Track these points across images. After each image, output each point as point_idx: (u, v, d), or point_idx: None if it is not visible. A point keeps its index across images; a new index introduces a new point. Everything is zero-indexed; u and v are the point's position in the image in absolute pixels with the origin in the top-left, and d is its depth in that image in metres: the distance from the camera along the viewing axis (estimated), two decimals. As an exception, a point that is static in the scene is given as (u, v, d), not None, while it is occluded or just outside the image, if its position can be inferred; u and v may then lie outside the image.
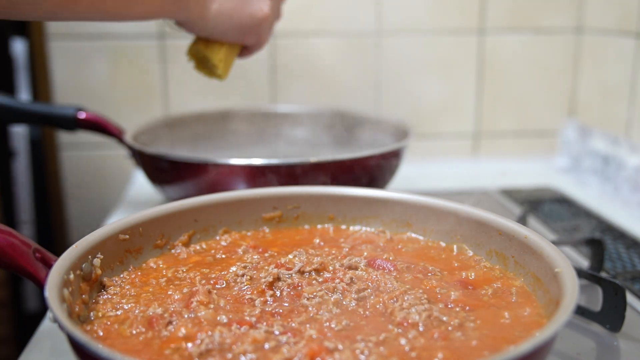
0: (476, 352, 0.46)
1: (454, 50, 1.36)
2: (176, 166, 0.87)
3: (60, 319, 0.43)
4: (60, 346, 0.65)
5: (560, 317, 0.43)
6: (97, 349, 0.40)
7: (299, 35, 1.33)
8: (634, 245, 0.91)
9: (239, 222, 0.70)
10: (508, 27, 1.35)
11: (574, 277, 0.48)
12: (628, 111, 1.16)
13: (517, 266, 0.58)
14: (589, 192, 1.19)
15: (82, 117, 0.99)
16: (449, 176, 1.29)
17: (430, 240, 0.67)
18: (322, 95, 1.36)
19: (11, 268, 0.51)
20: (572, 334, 0.65)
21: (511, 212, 1.04)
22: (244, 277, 0.57)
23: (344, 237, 0.69)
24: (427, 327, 0.49)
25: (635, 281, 0.79)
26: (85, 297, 0.53)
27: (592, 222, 1.01)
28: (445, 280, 0.58)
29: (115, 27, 1.30)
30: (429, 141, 1.40)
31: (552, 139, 1.41)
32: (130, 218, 0.61)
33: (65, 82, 1.31)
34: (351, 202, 0.71)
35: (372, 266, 0.60)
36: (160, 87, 1.33)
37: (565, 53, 1.37)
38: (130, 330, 0.49)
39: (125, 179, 1.30)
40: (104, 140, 1.26)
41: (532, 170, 1.32)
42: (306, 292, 0.54)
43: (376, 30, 1.33)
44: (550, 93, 1.40)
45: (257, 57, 0.89)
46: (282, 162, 0.83)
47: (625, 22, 1.18)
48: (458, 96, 1.38)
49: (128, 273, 0.60)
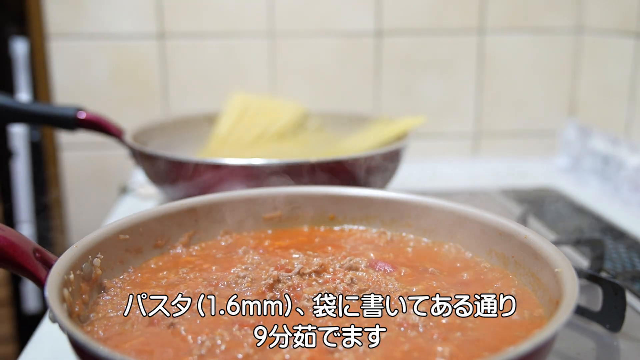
0: (476, 352, 0.46)
1: (454, 50, 1.36)
2: (176, 166, 0.87)
3: (60, 319, 0.43)
4: (60, 346, 0.65)
5: (560, 317, 0.43)
6: (97, 349, 0.40)
7: (299, 35, 1.33)
8: (634, 245, 0.91)
9: (239, 222, 0.70)
10: (508, 27, 1.35)
11: (574, 277, 0.48)
12: (628, 111, 1.16)
13: (517, 266, 0.58)
14: (589, 192, 1.19)
15: (82, 117, 0.98)
16: (449, 176, 1.29)
17: (430, 240, 0.67)
18: (322, 95, 1.36)
19: (11, 268, 0.51)
20: (572, 334, 0.65)
21: (511, 212, 1.04)
22: (244, 279, 0.57)
23: (344, 237, 0.69)
24: (426, 327, 0.49)
25: (635, 281, 0.79)
26: (86, 297, 0.53)
27: (592, 222, 1.01)
28: (446, 281, 0.58)
29: (115, 27, 1.30)
30: (429, 141, 1.40)
31: (552, 139, 1.41)
32: (130, 218, 0.61)
33: (65, 82, 1.31)
34: (351, 202, 0.71)
35: (373, 267, 0.60)
36: (160, 87, 1.33)
37: (565, 53, 1.37)
38: (131, 330, 0.49)
39: (125, 179, 1.30)
40: (104, 140, 1.26)
41: (532, 170, 1.32)
42: (306, 294, 0.54)
43: (376, 30, 1.33)
44: (550, 93, 1.40)
45: (257, 56, 0.89)
46: (282, 162, 0.83)
47: (625, 22, 1.18)
48: (458, 96, 1.39)
49: (128, 274, 0.60)
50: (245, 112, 1.12)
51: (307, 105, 1.18)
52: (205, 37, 1.31)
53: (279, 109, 1.14)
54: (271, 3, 1.31)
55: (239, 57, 1.33)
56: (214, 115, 1.17)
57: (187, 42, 1.31)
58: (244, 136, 1.09)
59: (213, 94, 1.32)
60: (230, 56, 1.32)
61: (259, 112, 1.13)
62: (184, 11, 1.30)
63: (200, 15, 1.30)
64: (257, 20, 1.32)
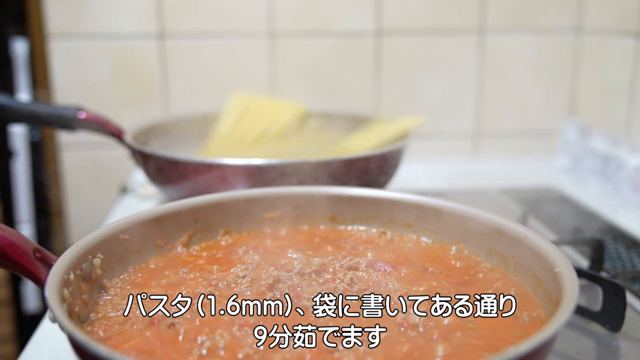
0: (476, 352, 0.46)
1: (454, 50, 1.36)
2: (176, 166, 0.87)
3: (60, 318, 0.43)
4: (60, 346, 0.65)
5: (560, 317, 0.43)
6: (97, 349, 0.40)
7: (299, 35, 1.33)
8: (634, 245, 0.91)
9: (239, 222, 0.70)
10: (508, 27, 1.35)
11: (574, 277, 0.48)
12: (628, 111, 1.16)
13: (517, 266, 0.58)
14: (589, 192, 1.19)
15: (82, 117, 0.98)
16: (449, 176, 1.29)
17: (430, 240, 0.67)
18: (322, 95, 1.36)
19: (11, 268, 0.51)
20: (572, 334, 0.65)
21: (511, 212, 1.04)
22: (244, 279, 0.57)
23: (344, 237, 0.69)
24: (427, 327, 0.49)
25: (635, 281, 0.79)
26: (86, 297, 0.53)
27: (592, 222, 1.01)
28: (446, 281, 0.58)
29: (115, 27, 1.30)
30: (429, 141, 1.40)
31: (552, 139, 1.41)
32: (130, 218, 0.61)
33: (65, 82, 1.31)
34: (351, 202, 0.71)
35: (373, 267, 0.60)
36: (160, 87, 1.33)
37: (565, 53, 1.37)
38: (131, 330, 0.49)
39: (125, 179, 1.30)
40: (104, 140, 1.26)
41: (532, 170, 1.32)
42: (306, 294, 0.54)
43: (376, 30, 1.33)
44: (550, 93, 1.40)
45: (257, 56, 0.90)
46: (283, 162, 0.83)
47: (625, 22, 1.18)
48: (458, 96, 1.39)
49: (128, 274, 0.60)
50: (246, 112, 1.12)
51: (306, 105, 1.18)
52: (205, 37, 1.31)
53: (279, 109, 1.14)
54: (271, 3, 1.31)
55: (239, 57, 1.33)
56: (214, 115, 1.17)
57: (187, 42, 1.31)
58: (244, 136, 1.09)
59: (213, 94, 1.32)
60: (230, 56, 1.32)
61: (259, 112, 1.13)
62: (184, 11, 1.30)
63: (200, 15, 1.30)
64: (257, 20, 1.32)
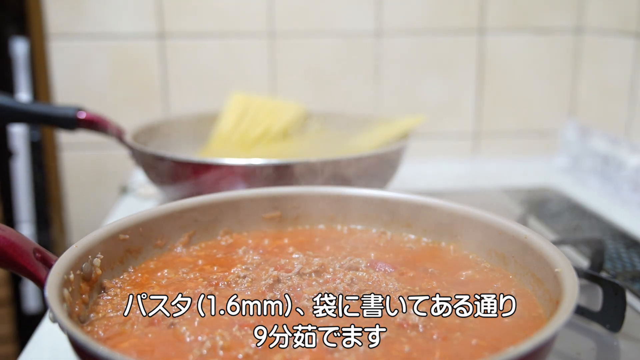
0: (476, 352, 0.46)
1: (454, 50, 1.36)
2: (176, 166, 0.87)
3: (60, 318, 0.43)
4: (60, 346, 0.65)
5: (560, 317, 0.43)
6: (97, 349, 0.40)
7: (299, 35, 1.33)
8: (634, 245, 0.91)
9: (239, 222, 0.70)
10: (508, 27, 1.35)
11: (574, 277, 0.48)
12: (628, 111, 1.16)
13: (517, 266, 0.58)
14: (589, 192, 1.19)
15: (82, 117, 0.98)
16: (449, 176, 1.29)
17: (430, 240, 0.67)
18: (322, 95, 1.36)
19: (11, 268, 0.51)
20: (572, 334, 0.65)
21: (511, 212, 1.04)
22: (245, 279, 0.57)
23: (344, 237, 0.69)
24: (426, 327, 0.49)
25: (635, 281, 0.79)
26: (86, 297, 0.53)
27: (592, 222, 1.01)
28: (446, 281, 0.58)
29: (115, 27, 1.30)
30: (429, 141, 1.40)
31: (552, 139, 1.41)
32: (130, 218, 0.61)
33: (65, 82, 1.31)
34: (351, 202, 0.71)
35: (373, 267, 0.60)
36: (160, 87, 1.33)
37: (565, 53, 1.37)
38: (131, 330, 0.49)
39: (125, 179, 1.30)
40: (104, 140, 1.26)
41: (532, 170, 1.32)
42: (306, 294, 0.54)
43: (376, 30, 1.33)
44: (550, 93, 1.40)
45: (257, 56, 0.90)
46: (283, 162, 0.83)
47: (625, 22, 1.18)
48: (458, 96, 1.39)
49: (128, 274, 0.60)
50: (246, 112, 1.12)
51: (306, 105, 1.18)
52: (205, 37, 1.31)
53: (279, 109, 1.14)
54: (271, 3, 1.31)
55: (239, 57, 1.33)
56: (214, 115, 1.17)
57: (187, 42, 1.31)
58: (244, 136, 1.09)
59: (213, 94, 1.32)
60: (230, 56, 1.32)
61: (260, 112, 1.13)
62: (184, 11, 1.30)
63: (200, 15, 1.30)
64: (257, 20, 1.32)
